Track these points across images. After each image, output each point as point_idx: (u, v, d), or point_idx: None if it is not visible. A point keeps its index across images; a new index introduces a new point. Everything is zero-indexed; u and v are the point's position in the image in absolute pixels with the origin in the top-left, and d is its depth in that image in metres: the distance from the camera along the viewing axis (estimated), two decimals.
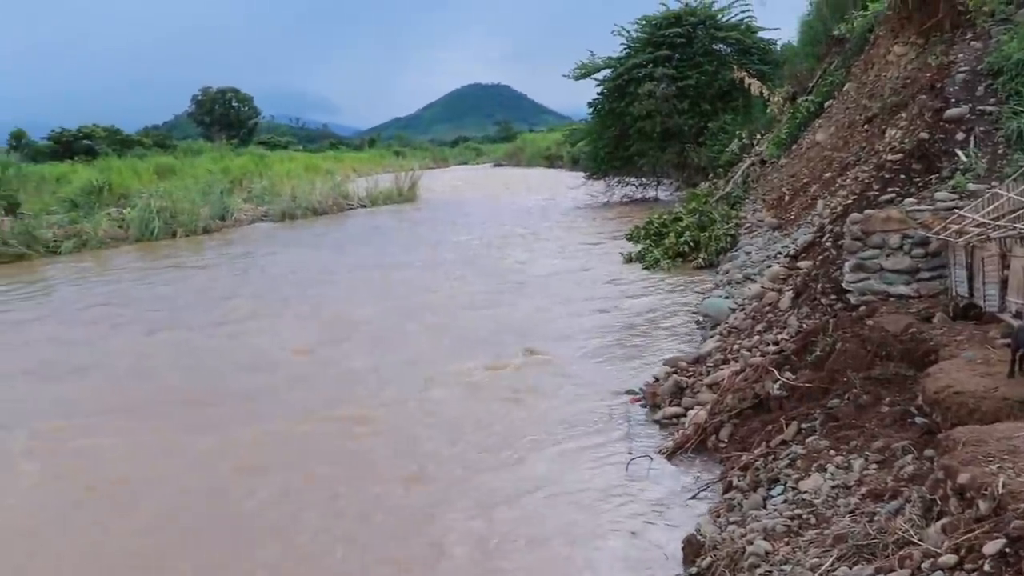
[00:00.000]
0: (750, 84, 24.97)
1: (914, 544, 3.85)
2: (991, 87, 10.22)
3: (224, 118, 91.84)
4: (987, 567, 3.30)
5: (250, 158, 47.09)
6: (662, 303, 13.49)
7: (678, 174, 31.62)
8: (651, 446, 7.46)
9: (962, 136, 9.77)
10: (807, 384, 6.83)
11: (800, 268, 10.11)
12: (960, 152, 9.48)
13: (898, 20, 14.02)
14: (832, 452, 5.64)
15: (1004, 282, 6.18)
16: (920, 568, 3.65)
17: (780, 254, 12.35)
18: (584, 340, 11.41)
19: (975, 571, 3.36)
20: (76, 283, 19.15)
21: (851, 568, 4.04)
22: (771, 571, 4.43)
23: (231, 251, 24.05)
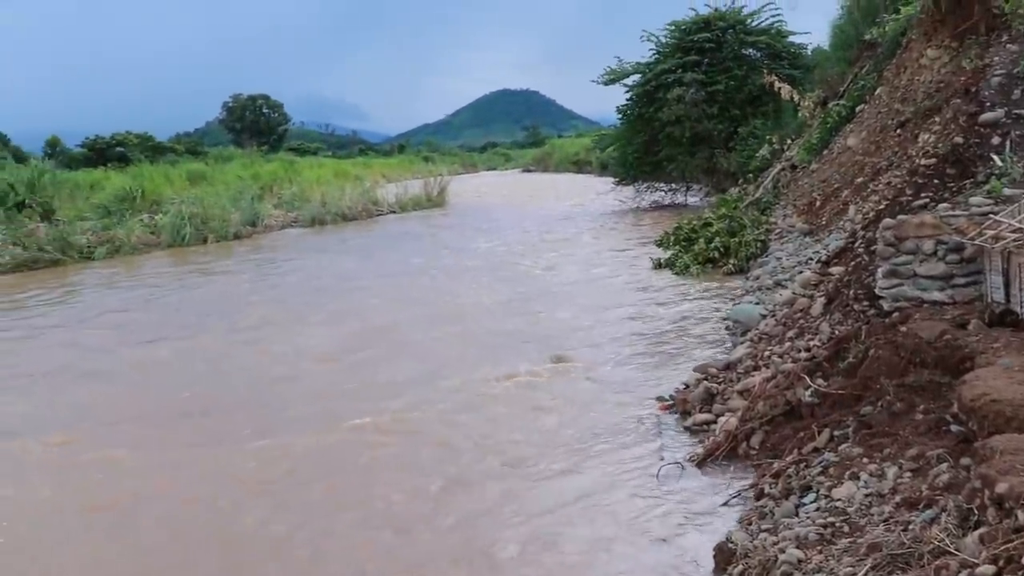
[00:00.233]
0: (780, 88, 24.71)
1: (950, 554, 3.80)
2: None
3: (254, 125, 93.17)
4: None
5: (280, 164, 47.60)
6: (692, 309, 13.41)
7: (707, 179, 31.40)
8: (681, 453, 7.42)
9: (997, 140, 9.65)
10: (839, 391, 6.75)
11: (832, 274, 10.01)
12: (995, 156, 9.36)
13: (931, 23, 13.84)
14: (865, 460, 5.58)
15: None
16: None
17: (811, 260, 12.23)
18: (613, 347, 11.37)
19: None
20: (102, 289, 19.35)
21: None
22: None
23: (259, 256, 24.22)
